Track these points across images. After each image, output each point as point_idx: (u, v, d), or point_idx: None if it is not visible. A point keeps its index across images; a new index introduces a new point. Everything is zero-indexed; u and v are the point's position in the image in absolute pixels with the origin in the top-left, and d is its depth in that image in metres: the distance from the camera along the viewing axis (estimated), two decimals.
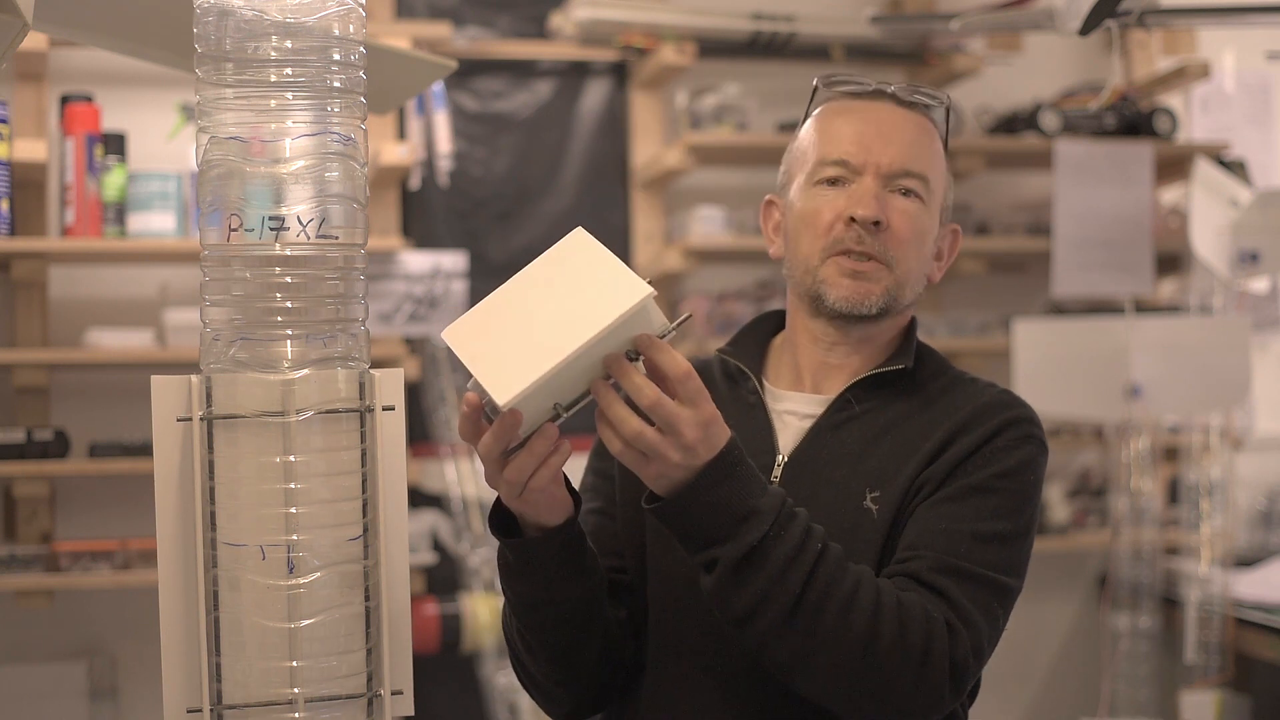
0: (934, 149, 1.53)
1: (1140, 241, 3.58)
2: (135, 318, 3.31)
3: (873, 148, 1.49)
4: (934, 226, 1.53)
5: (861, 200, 1.48)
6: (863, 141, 1.50)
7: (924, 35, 3.64)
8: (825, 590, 1.32)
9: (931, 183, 1.51)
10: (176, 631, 1.11)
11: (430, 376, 3.40)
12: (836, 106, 1.55)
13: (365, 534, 1.13)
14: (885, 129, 1.51)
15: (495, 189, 3.60)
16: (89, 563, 3.06)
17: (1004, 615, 1.45)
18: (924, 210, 1.51)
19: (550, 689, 1.50)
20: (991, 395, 1.51)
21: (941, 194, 1.54)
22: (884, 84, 1.54)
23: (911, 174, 1.50)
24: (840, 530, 1.46)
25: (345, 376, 1.13)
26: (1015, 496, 1.44)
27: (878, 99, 1.53)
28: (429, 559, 3.31)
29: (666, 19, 3.51)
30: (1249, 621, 3.44)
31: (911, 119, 1.53)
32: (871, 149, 1.49)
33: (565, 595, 1.40)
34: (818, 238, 1.50)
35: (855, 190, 1.49)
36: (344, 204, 1.12)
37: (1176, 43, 3.95)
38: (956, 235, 1.60)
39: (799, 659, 1.34)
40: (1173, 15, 2.82)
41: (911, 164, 1.50)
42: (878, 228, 1.48)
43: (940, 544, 1.40)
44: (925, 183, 1.50)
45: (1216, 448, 3.62)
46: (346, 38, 1.12)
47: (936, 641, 1.35)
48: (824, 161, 1.51)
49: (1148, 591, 3.54)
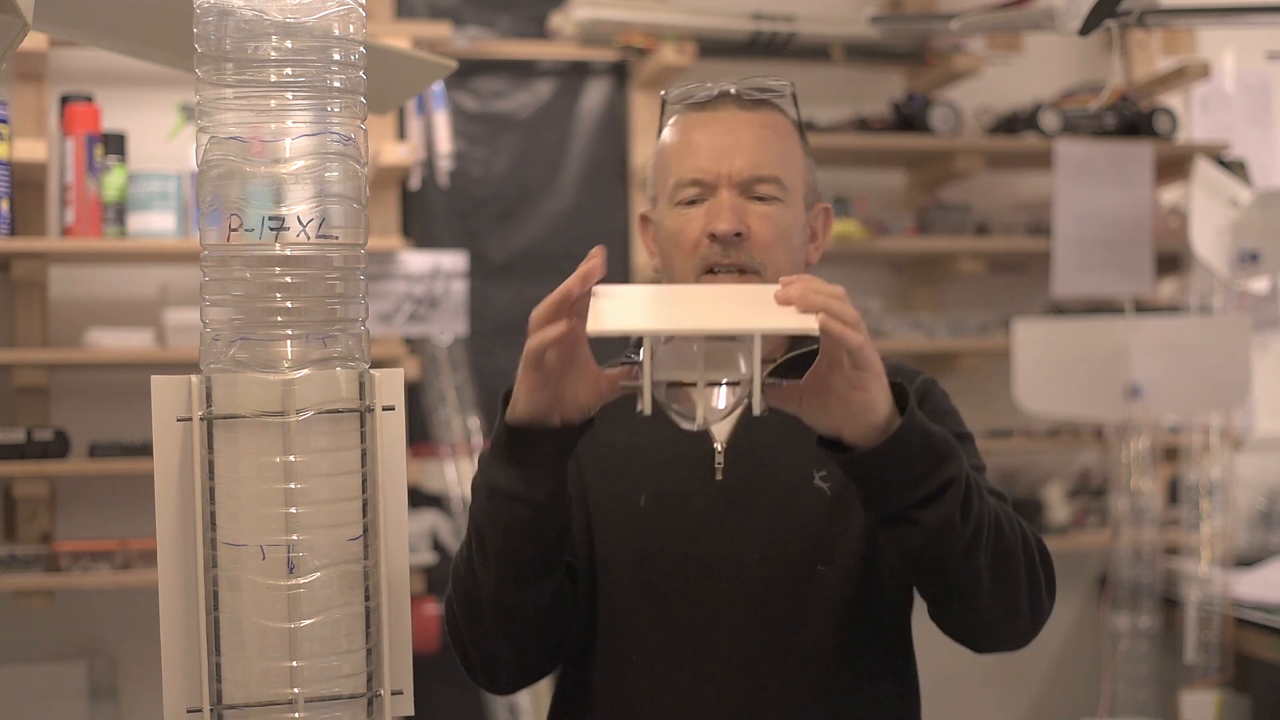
0: (784, 144, 1.58)
1: (1140, 241, 3.58)
2: (135, 318, 3.31)
3: (721, 160, 1.54)
4: (798, 218, 1.58)
5: (718, 215, 1.52)
6: (712, 156, 1.54)
7: (924, 35, 3.64)
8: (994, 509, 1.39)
9: (785, 180, 1.55)
10: (176, 631, 1.11)
11: (430, 376, 3.40)
12: (685, 120, 1.60)
13: (365, 534, 1.13)
14: (731, 139, 1.55)
15: (495, 189, 3.60)
16: (89, 563, 3.06)
17: None
18: (784, 209, 1.55)
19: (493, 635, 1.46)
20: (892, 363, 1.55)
21: (801, 184, 1.59)
22: (725, 87, 1.58)
23: (763, 179, 1.54)
24: (796, 511, 1.51)
25: (345, 376, 1.13)
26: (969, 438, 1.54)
27: (722, 103, 1.58)
28: (429, 559, 3.31)
29: (666, 19, 3.51)
30: (1249, 621, 3.44)
31: (756, 120, 1.57)
32: (720, 161, 1.54)
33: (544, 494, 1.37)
34: (687, 257, 1.55)
35: (712, 206, 1.54)
36: (344, 204, 1.12)
37: (1176, 43, 3.95)
38: (828, 213, 1.65)
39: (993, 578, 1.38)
40: (1173, 15, 2.82)
41: (761, 169, 1.54)
42: (739, 238, 1.52)
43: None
44: (778, 183, 1.55)
45: (1216, 448, 3.62)
46: (346, 38, 1.12)
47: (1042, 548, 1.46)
48: (680, 183, 1.56)
49: (1148, 591, 3.54)
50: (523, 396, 1.34)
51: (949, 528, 1.32)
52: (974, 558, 1.35)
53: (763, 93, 1.58)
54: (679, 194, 1.57)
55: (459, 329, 3.38)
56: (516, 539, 1.40)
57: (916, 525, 1.33)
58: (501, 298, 3.59)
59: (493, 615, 1.45)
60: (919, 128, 3.59)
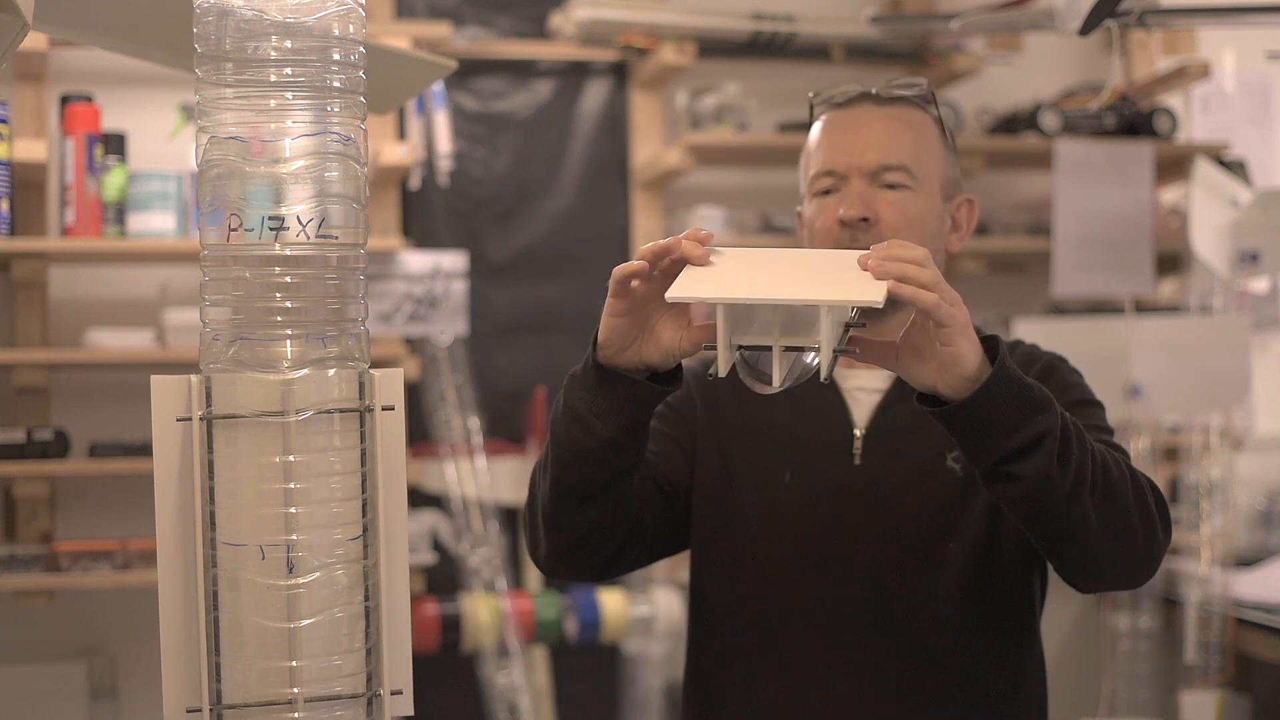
0: (917, 136, 1.66)
1: (1140, 241, 3.57)
2: (135, 318, 3.31)
3: (853, 151, 1.64)
4: (932, 206, 1.66)
5: (847, 201, 1.62)
6: (844, 149, 1.65)
7: (924, 35, 3.64)
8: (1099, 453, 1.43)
9: (915, 169, 1.64)
10: (176, 631, 1.11)
11: (430, 376, 3.40)
12: (826, 119, 1.69)
13: (365, 534, 1.13)
14: (863, 132, 1.65)
15: (495, 189, 3.60)
16: (89, 563, 3.06)
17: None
18: (914, 196, 1.64)
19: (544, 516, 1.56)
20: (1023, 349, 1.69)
21: (937, 173, 1.67)
22: (866, 88, 1.68)
23: (891, 167, 1.63)
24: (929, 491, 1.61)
25: (345, 376, 1.13)
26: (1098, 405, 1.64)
27: (861, 103, 1.67)
28: (429, 559, 3.31)
29: (666, 19, 3.51)
30: (1249, 621, 3.44)
31: (889, 114, 1.66)
32: (852, 153, 1.64)
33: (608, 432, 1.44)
34: (823, 243, 1.65)
35: (844, 194, 1.63)
36: (344, 204, 1.12)
37: (1176, 43, 3.94)
38: (972, 205, 1.74)
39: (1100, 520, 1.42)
40: (1173, 15, 2.82)
41: (888, 158, 1.63)
42: (868, 224, 1.61)
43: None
44: (907, 171, 1.63)
45: (1216, 448, 3.62)
46: (346, 38, 1.12)
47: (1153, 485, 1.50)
48: (817, 175, 1.67)
49: (1148, 591, 3.54)
50: (604, 319, 1.41)
51: (1047, 480, 1.37)
52: (1078, 503, 1.40)
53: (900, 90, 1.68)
54: (816, 185, 1.67)
55: (459, 329, 3.39)
56: (575, 460, 1.48)
57: (1016, 480, 1.37)
58: (501, 298, 3.59)
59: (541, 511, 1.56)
60: None
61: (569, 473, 1.50)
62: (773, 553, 1.64)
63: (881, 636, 1.61)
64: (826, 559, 1.63)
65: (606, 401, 1.43)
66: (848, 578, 1.62)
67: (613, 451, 1.47)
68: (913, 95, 1.68)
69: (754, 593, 1.65)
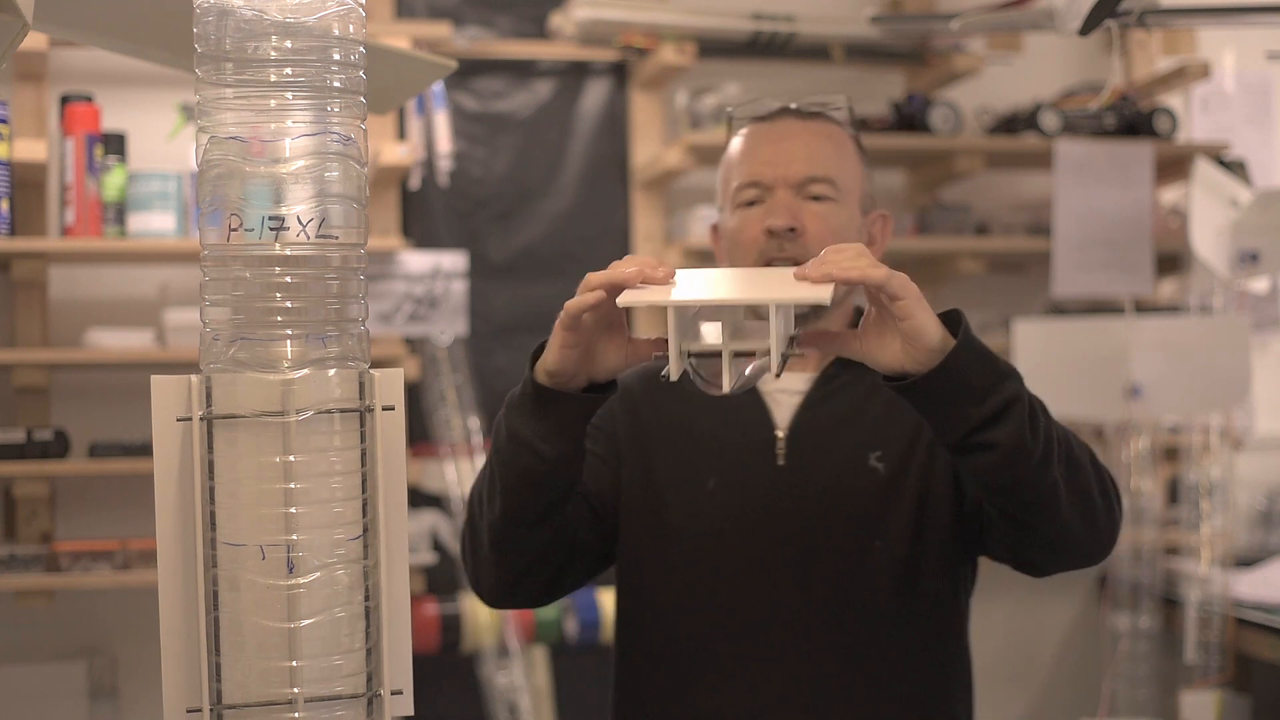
0: (839, 150, 1.70)
1: (1140, 241, 3.57)
2: (135, 318, 3.31)
3: (778, 163, 1.67)
4: (853, 219, 1.69)
5: (774, 212, 1.65)
6: (770, 160, 1.68)
7: (924, 35, 3.64)
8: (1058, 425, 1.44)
9: (839, 181, 1.67)
10: (176, 631, 1.11)
11: (430, 376, 3.40)
12: (748, 132, 1.73)
13: (365, 534, 1.13)
14: (788, 144, 1.69)
15: (495, 189, 3.60)
16: (89, 563, 3.06)
17: None
18: (837, 208, 1.67)
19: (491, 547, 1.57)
20: None
21: (857, 188, 1.71)
22: (786, 103, 1.73)
23: (816, 179, 1.66)
24: (853, 490, 1.63)
25: (345, 376, 1.13)
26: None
27: (783, 116, 1.72)
28: (429, 559, 3.31)
29: (666, 19, 3.51)
30: (1249, 621, 3.44)
31: (812, 128, 1.71)
32: (777, 164, 1.67)
33: (556, 451, 1.47)
34: (746, 253, 1.67)
35: (770, 205, 1.66)
36: (344, 204, 1.12)
37: (1176, 43, 3.94)
38: (886, 220, 1.77)
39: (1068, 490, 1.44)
40: (1173, 15, 2.82)
41: (814, 169, 1.66)
42: (794, 234, 1.64)
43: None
44: (831, 183, 1.66)
45: (1216, 448, 3.61)
46: (346, 38, 1.12)
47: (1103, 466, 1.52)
48: (741, 186, 1.69)
49: (1148, 591, 3.54)
50: (554, 351, 1.43)
51: (1020, 445, 1.38)
52: (1049, 471, 1.41)
53: (819, 107, 1.73)
54: (740, 196, 1.69)
55: (459, 329, 3.39)
56: (524, 484, 1.50)
57: (989, 449, 1.38)
58: (501, 298, 3.59)
59: (488, 542, 1.57)
60: (919, 128, 3.59)
61: (518, 497, 1.51)
62: (700, 558, 1.66)
63: (809, 637, 1.62)
64: (753, 562, 1.64)
65: (552, 423, 1.45)
66: (774, 580, 1.63)
67: (561, 469, 1.50)
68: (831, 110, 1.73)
69: (682, 599, 1.67)
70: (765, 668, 1.63)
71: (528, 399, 1.46)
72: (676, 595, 1.67)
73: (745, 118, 1.74)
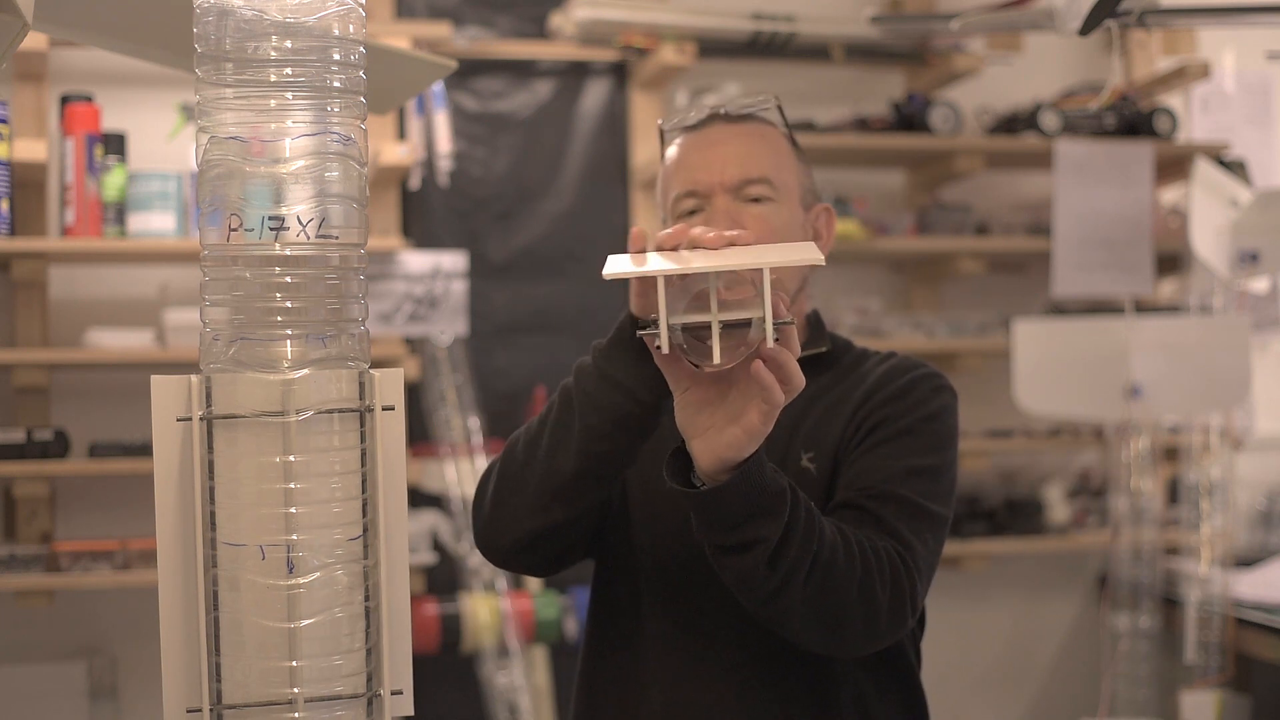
0: (772, 149, 1.68)
1: (1140, 241, 3.58)
2: (135, 318, 3.31)
3: (713, 169, 1.65)
4: (795, 216, 1.68)
5: (714, 220, 1.62)
6: (704, 167, 1.66)
7: (924, 35, 3.64)
8: (830, 549, 1.45)
9: (776, 180, 1.66)
10: (176, 631, 1.11)
11: (430, 376, 3.40)
12: (681, 142, 1.71)
13: (365, 534, 1.13)
14: (720, 149, 1.66)
15: (495, 189, 3.60)
16: (89, 563, 3.06)
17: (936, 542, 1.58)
18: (777, 209, 1.65)
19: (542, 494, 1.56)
20: (897, 359, 1.69)
21: (795, 184, 1.69)
22: (715, 109, 1.70)
23: (753, 180, 1.65)
24: None
25: (345, 376, 1.13)
26: (938, 436, 1.62)
27: (712, 123, 1.70)
28: (429, 559, 3.31)
29: (666, 19, 3.51)
30: (1249, 621, 3.44)
31: (742, 131, 1.69)
32: (712, 170, 1.65)
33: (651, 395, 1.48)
34: None
35: (709, 214, 1.64)
36: (344, 204, 1.12)
37: (1176, 43, 3.95)
38: (830, 213, 1.75)
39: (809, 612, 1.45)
40: (1173, 15, 2.82)
41: (749, 171, 1.65)
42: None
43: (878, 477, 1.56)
44: (769, 183, 1.65)
45: (1216, 448, 3.62)
46: (346, 38, 1.12)
47: (902, 575, 1.50)
48: (679, 196, 1.67)
49: (1148, 591, 3.54)
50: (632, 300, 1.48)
51: (751, 578, 1.43)
52: (781, 599, 1.44)
53: (747, 108, 1.70)
54: (679, 207, 1.67)
55: (459, 329, 3.39)
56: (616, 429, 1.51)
57: (724, 569, 1.45)
58: (501, 298, 3.59)
59: (539, 489, 1.55)
60: (919, 128, 3.59)
61: (602, 443, 1.51)
62: (655, 557, 1.67)
63: (749, 644, 1.61)
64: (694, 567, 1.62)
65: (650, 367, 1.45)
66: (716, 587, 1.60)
67: (651, 416, 1.50)
68: (760, 111, 1.71)
69: (633, 602, 1.68)
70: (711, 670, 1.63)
71: (625, 345, 1.48)
72: (630, 598, 1.68)
73: (676, 129, 1.72)
